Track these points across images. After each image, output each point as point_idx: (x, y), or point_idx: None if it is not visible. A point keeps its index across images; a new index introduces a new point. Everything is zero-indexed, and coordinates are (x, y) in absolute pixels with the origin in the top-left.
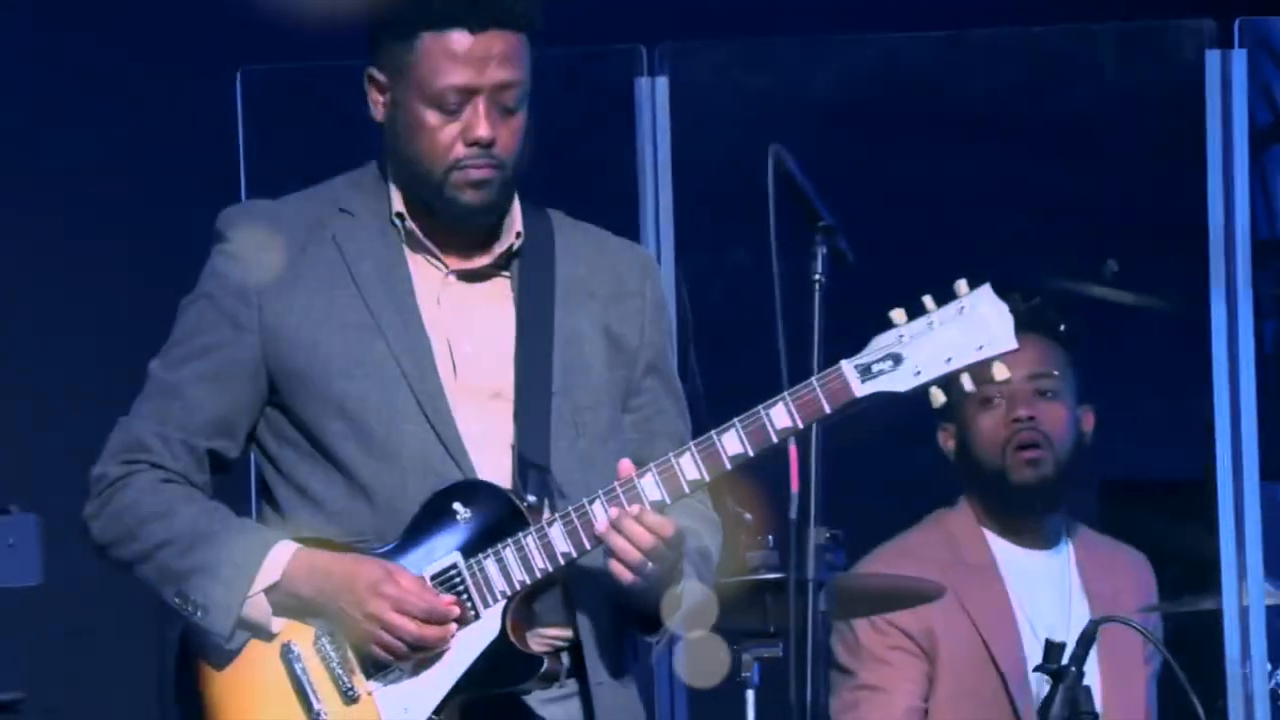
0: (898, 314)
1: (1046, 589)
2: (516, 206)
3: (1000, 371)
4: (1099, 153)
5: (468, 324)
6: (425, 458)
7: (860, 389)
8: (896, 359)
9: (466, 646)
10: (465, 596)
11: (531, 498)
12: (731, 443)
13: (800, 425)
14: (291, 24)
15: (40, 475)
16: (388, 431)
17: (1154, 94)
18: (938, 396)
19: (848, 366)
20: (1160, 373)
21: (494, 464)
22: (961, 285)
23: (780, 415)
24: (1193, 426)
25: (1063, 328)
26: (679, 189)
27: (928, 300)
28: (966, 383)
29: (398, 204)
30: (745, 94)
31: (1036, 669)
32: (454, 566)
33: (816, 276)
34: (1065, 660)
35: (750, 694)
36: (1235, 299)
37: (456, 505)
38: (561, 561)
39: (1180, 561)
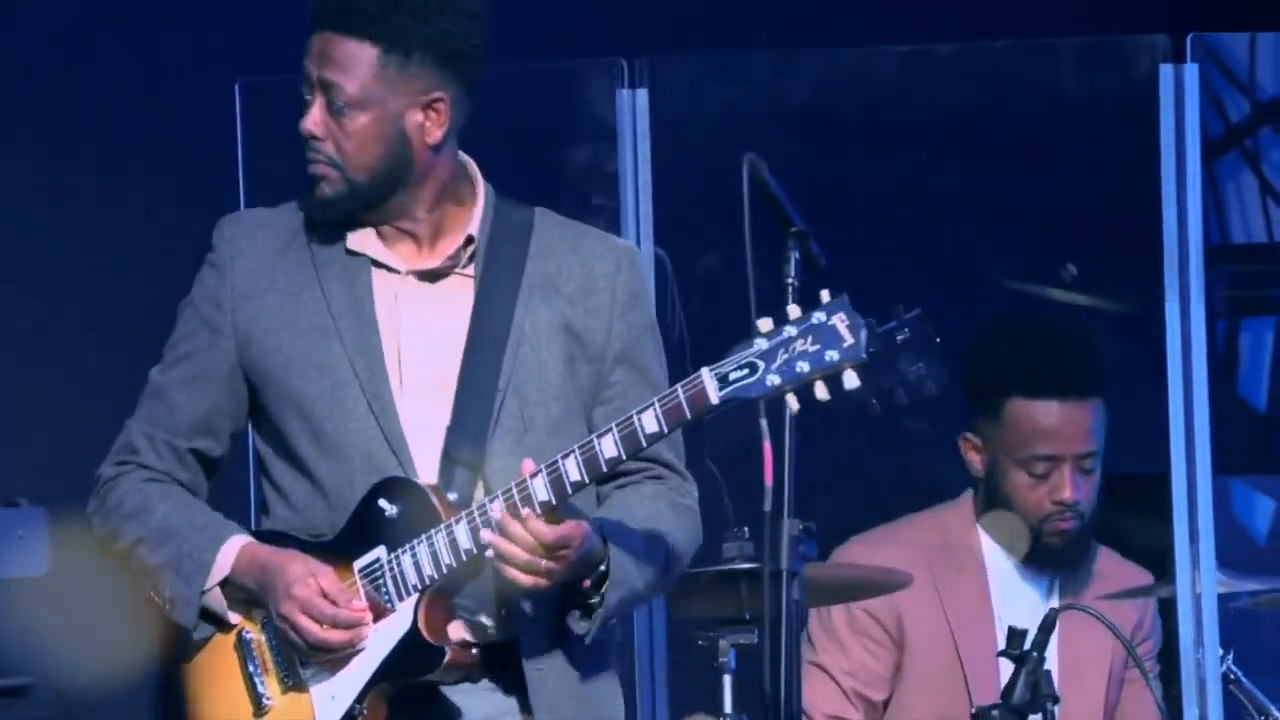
0: (764, 323)
1: (1026, 593)
2: (478, 208)
3: (850, 379)
4: (1058, 161)
5: (422, 322)
6: (371, 454)
7: (717, 396)
8: (753, 367)
9: (383, 638)
10: (384, 589)
11: (453, 495)
12: (608, 446)
13: (666, 430)
14: (289, 35)
15: (48, 470)
16: (337, 430)
17: (1110, 106)
18: (793, 403)
19: (707, 374)
20: (1117, 372)
21: (436, 460)
22: (824, 295)
23: (650, 421)
24: (1149, 423)
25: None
26: (659, 196)
27: (792, 310)
28: (820, 390)
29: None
30: (722, 105)
31: (999, 654)
32: (377, 560)
33: (789, 279)
34: (1027, 646)
35: (727, 678)
36: (1188, 301)
37: (383, 502)
38: (464, 558)
39: (1137, 552)
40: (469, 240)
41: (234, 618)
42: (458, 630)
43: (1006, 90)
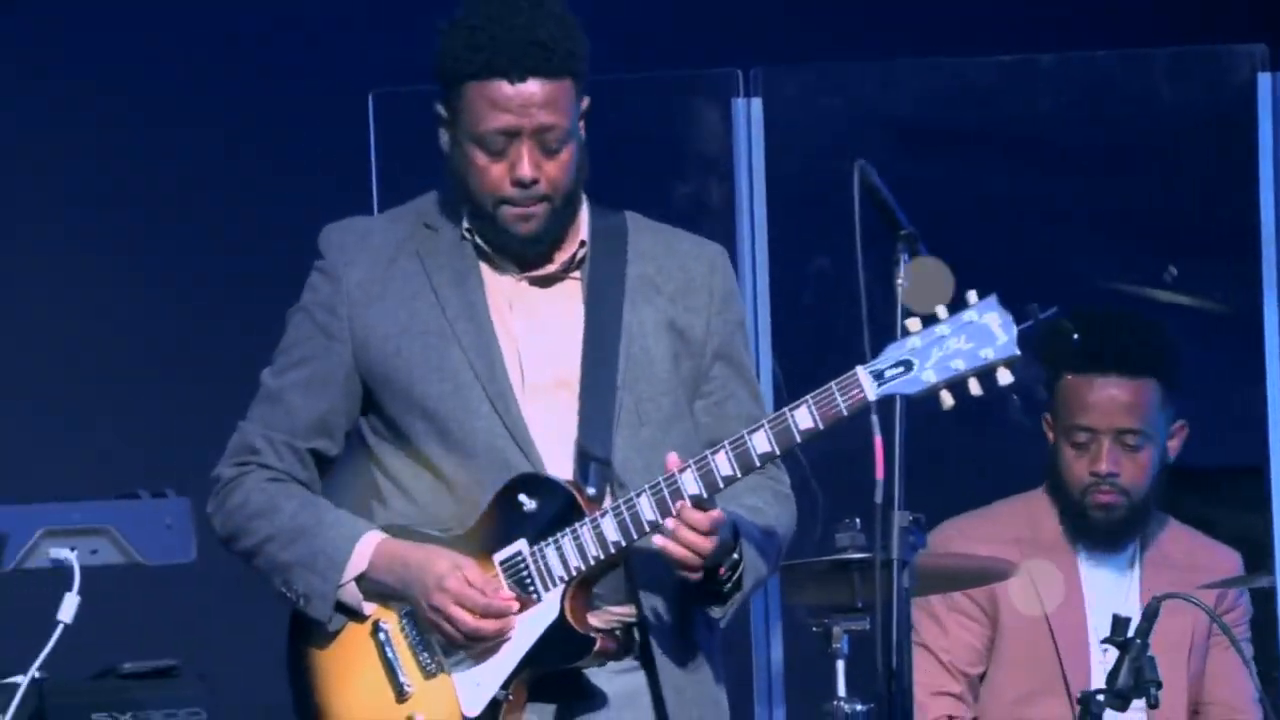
0: (913, 323)
1: (1111, 574)
2: (584, 216)
3: (1005, 376)
4: (1160, 167)
5: (538, 325)
6: (498, 452)
7: (873, 393)
8: (908, 365)
9: (530, 628)
10: (529, 581)
11: (591, 489)
12: (761, 442)
13: (821, 427)
14: (422, 47)
15: (194, 462)
16: (463, 429)
17: (1210, 112)
18: (946, 399)
19: (863, 373)
20: (1217, 368)
21: (561, 456)
22: (971, 295)
23: (804, 418)
24: (1247, 418)
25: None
26: (773, 201)
27: (940, 310)
28: (974, 386)
29: (467, 219)
30: (832, 113)
31: (1104, 641)
32: (519, 553)
33: (899, 281)
34: (1130, 633)
35: (840, 663)
36: None
37: (522, 497)
38: (612, 550)
39: (1237, 542)
40: (581, 244)
41: (369, 609)
42: (595, 618)
43: (1106, 99)
